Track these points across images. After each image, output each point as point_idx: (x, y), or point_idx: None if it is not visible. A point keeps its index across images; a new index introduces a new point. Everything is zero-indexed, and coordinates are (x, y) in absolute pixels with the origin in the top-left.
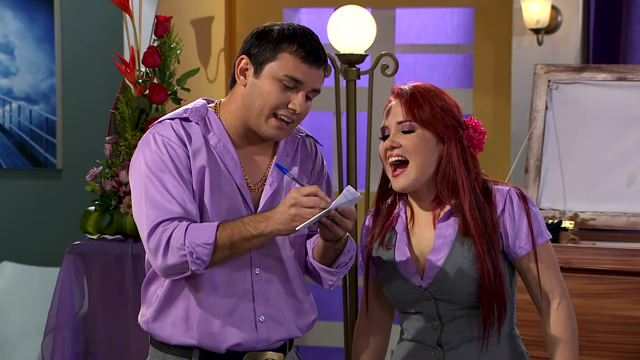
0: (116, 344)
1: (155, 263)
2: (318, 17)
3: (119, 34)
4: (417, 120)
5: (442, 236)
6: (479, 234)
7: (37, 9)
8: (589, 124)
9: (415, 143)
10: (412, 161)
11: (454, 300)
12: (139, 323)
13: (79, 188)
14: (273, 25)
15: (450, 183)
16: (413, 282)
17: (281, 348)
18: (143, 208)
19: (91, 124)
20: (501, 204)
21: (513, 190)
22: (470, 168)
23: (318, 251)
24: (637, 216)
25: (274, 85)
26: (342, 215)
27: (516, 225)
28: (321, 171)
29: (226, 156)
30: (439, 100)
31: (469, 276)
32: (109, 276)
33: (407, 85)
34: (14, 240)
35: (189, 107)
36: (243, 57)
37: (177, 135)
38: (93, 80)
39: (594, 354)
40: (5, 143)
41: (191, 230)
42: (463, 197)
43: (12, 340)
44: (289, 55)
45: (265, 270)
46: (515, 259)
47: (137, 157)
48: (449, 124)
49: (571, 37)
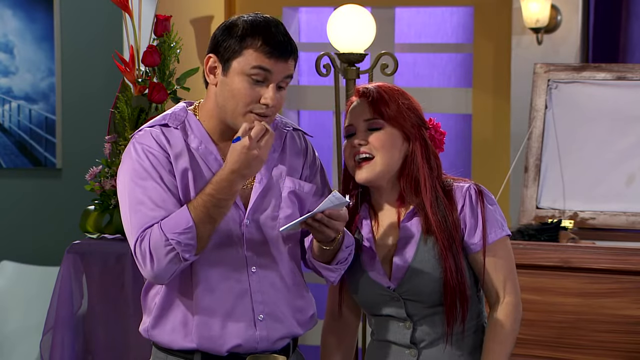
0: (115, 343)
1: (145, 271)
2: (317, 16)
3: (118, 33)
4: (384, 117)
5: (407, 236)
6: (440, 231)
7: (37, 8)
8: (589, 123)
9: (383, 140)
10: (377, 157)
11: (422, 299)
12: (139, 331)
13: (78, 187)
14: (237, 19)
15: (414, 181)
16: (381, 283)
17: (284, 350)
18: (128, 220)
19: (91, 123)
20: (461, 201)
21: (472, 186)
22: (433, 167)
23: (315, 250)
24: (637, 215)
25: (243, 82)
26: (330, 218)
27: (472, 222)
28: (314, 163)
29: (209, 157)
30: (404, 99)
31: (435, 274)
32: (109, 275)
33: (372, 85)
34: (13, 240)
35: (168, 113)
36: (210, 56)
37: (156, 142)
38: (93, 80)
39: (593, 354)
40: (5, 142)
41: (166, 224)
42: (425, 195)
43: (11, 339)
44: (254, 51)
45: (262, 268)
46: (469, 254)
47: (121, 169)
48: (414, 122)
49: (571, 37)
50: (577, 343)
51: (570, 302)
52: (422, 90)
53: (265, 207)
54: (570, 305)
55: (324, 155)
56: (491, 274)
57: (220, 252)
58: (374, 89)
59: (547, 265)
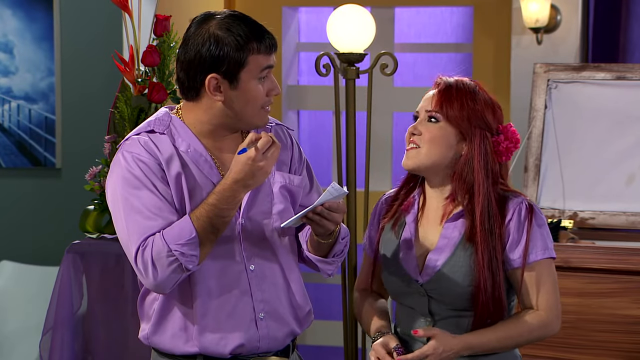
0: (115, 343)
1: (147, 281)
2: (317, 16)
3: (118, 33)
4: (442, 113)
5: (447, 237)
6: (483, 243)
7: (37, 7)
8: (588, 123)
9: (434, 134)
10: (424, 148)
11: (447, 301)
12: (139, 338)
13: (78, 187)
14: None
15: (467, 184)
16: (411, 275)
17: (284, 351)
18: (125, 230)
19: (90, 123)
20: (510, 214)
21: (525, 201)
22: (489, 174)
23: (312, 244)
24: (636, 215)
25: (257, 85)
26: (330, 210)
27: (516, 236)
28: (300, 158)
29: (199, 159)
30: (473, 102)
31: (465, 282)
32: (108, 275)
33: (450, 79)
34: (13, 239)
35: (152, 119)
36: (213, 76)
37: (145, 149)
38: (92, 79)
39: (592, 353)
40: (5, 142)
41: (168, 235)
42: (477, 201)
43: (11, 339)
44: (257, 55)
45: (260, 266)
46: (508, 269)
47: (110, 179)
48: (477, 125)
49: (570, 36)
50: (576, 343)
51: (570, 302)
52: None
53: (258, 204)
54: (570, 305)
55: (324, 155)
56: (530, 293)
57: (218, 253)
58: (447, 83)
59: None
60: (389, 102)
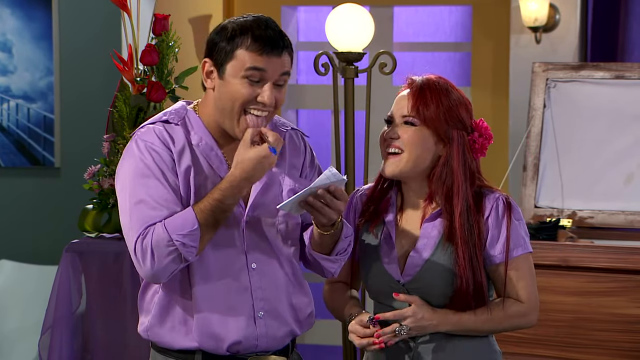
0: (114, 342)
1: (144, 269)
2: (316, 15)
3: (117, 32)
4: (419, 117)
5: (427, 237)
6: (462, 242)
7: (35, 6)
8: (587, 122)
9: (413, 137)
10: (406, 153)
11: (430, 300)
12: (138, 332)
13: (77, 186)
14: (228, 22)
15: (446, 186)
16: (393, 275)
17: (284, 350)
18: (128, 216)
19: (89, 122)
20: (487, 211)
21: (501, 197)
22: (467, 173)
23: (315, 241)
24: (635, 214)
25: (241, 83)
26: (333, 196)
27: (495, 233)
28: (312, 163)
29: (210, 154)
30: (447, 100)
31: (446, 281)
32: (107, 274)
33: (420, 78)
34: (12, 239)
35: (169, 110)
36: (206, 60)
37: (159, 139)
38: (91, 79)
39: (592, 352)
40: (4, 141)
41: (170, 224)
42: (455, 203)
43: (10, 338)
44: (245, 50)
45: (262, 265)
46: (488, 265)
47: (122, 165)
48: (454, 126)
49: (569, 36)
50: (575, 342)
51: (568, 301)
52: None
53: (265, 204)
54: (569, 304)
55: (322, 155)
56: (509, 286)
57: (220, 248)
58: (420, 84)
59: (546, 264)
60: (388, 101)
